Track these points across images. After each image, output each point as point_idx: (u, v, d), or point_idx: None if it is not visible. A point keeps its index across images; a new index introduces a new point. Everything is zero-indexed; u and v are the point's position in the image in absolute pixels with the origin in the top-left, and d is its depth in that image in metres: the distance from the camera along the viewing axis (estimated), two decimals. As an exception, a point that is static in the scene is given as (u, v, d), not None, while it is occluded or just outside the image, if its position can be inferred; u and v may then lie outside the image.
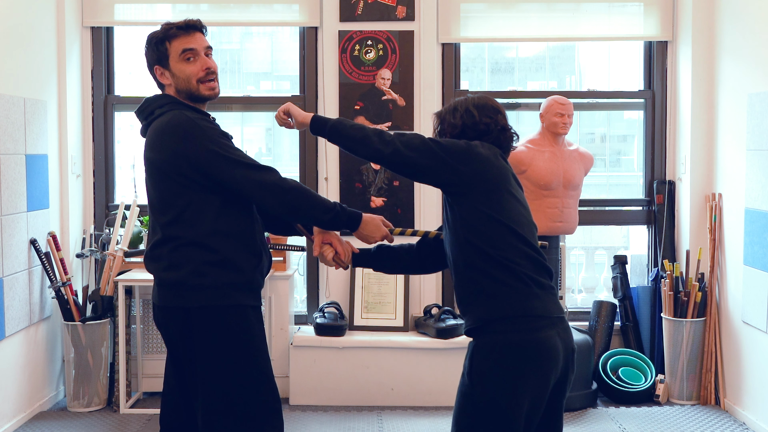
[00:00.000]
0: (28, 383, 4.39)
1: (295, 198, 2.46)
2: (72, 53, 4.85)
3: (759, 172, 4.15)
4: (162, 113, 2.55)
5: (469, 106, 2.53)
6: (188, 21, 2.61)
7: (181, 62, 2.57)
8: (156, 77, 2.64)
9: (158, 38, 2.59)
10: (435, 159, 2.39)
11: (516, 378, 2.29)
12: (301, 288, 5.26)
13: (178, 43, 2.58)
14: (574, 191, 4.53)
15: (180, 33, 2.58)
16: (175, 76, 2.58)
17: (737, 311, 4.44)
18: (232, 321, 2.49)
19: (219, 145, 2.46)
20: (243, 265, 2.51)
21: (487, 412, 2.30)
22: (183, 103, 2.58)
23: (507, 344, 2.31)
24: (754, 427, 4.23)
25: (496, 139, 2.52)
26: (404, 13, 4.90)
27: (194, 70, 2.57)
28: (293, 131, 5.24)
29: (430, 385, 4.62)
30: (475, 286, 2.36)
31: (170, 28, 2.59)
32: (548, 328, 2.34)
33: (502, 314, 2.33)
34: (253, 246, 2.55)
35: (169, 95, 2.62)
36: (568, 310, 5.01)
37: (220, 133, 2.52)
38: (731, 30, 4.51)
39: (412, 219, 4.93)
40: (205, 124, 2.50)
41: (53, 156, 4.68)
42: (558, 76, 6.09)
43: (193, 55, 2.57)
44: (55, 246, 4.54)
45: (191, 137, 2.45)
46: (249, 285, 2.53)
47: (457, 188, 2.39)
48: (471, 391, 2.34)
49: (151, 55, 2.62)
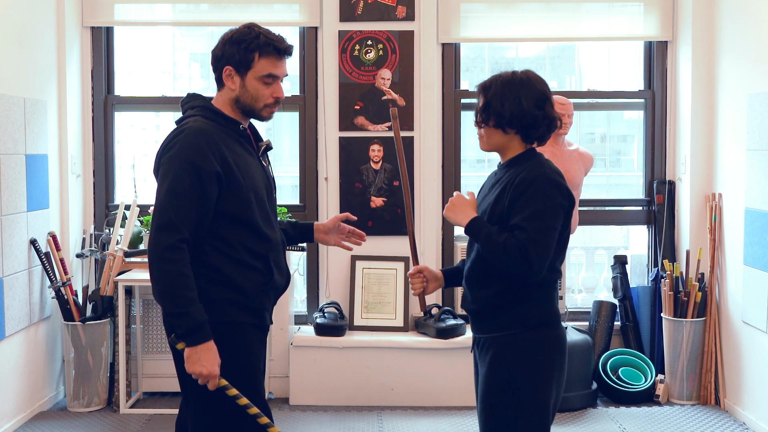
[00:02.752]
0: (28, 383, 4.39)
1: (156, 276, 2.32)
2: (72, 53, 4.85)
3: (759, 172, 4.15)
4: (192, 116, 2.47)
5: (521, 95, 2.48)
6: (286, 45, 2.49)
7: (260, 82, 2.46)
8: (221, 75, 2.48)
9: (250, 44, 2.43)
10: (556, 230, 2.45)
11: (553, 370, 2.49)
12: (301, 288, 5.26)
13: (268, 63, 2.45)
14: (574, 191, 4.53)
15: (274, 54, 2.46)
16: (245, 90, 2.47)
17: (737, 311, 4.44)
18: (227, 337, 2.41)
19: (171, 187, 2.32)
20: (245, 286, 2.43)
21: (532, 401, 2.45)
22: (218, 112, 2.48)
23: (548, 340, 2.49)
24: (754, 427, 4.23)
25: (546, 132, 2.54)
26: (404, 13, 4.90)
27: (267, 95, 2.48)
28: (293, 132, 5.25)
29: (430, 385, 4.62)
30: (523, 293, 2.47)
31: (268, 43, 2.44)
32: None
33: (543, 314, 2.49)
34: (261, 266, 2.46)
35: (204, 98, 2.52)
36: (568, 310, 5.01)
37: (209, 173, 2.35)
38: (731, 30, 4.51)
39: (412, 219, 4.91)
40: (203, 155, 2.35)
41: (53, 156, 4.68)
42: (558, 76, 6.10)
43: (273, 81, 2.48)
44: (55, 246, 4.54)
45: (175, 156, 2.35)
46: (249, 304, 2.46)
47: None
48: (515, 385, 2.45)
49: (231, 54, 2.45)
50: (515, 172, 2.46)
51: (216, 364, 2.33)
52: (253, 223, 2.43)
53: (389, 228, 4.92)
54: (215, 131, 2.42)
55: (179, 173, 2.33)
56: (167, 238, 2.30)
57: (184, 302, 2.30)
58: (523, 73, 2.51)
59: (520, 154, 2.52)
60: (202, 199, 2.35)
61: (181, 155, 2.34)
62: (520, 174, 2.43)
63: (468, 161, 5.39)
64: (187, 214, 2.32)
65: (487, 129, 2.52)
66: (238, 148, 2.46)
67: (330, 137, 4.93)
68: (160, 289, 2.31)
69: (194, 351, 2.31)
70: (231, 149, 2.43)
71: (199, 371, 2.31)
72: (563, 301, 4.76)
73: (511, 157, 2.52)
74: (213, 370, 2.32)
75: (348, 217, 2.84)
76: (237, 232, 2.42)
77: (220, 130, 2.44)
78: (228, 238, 2.41)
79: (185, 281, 2.30)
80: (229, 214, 2.40)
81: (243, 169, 2.43)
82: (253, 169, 2.49)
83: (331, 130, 4.93)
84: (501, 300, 2.48)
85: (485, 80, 2.55)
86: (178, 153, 2.35)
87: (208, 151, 2.35)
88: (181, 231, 2.31)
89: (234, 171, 2.40)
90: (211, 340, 2.33)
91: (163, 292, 2.31)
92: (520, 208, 2.39)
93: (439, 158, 4.98)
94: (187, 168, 2.33)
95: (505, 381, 2.46)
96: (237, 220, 2.41)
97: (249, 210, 2.43)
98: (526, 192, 2.40)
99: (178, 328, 2.31)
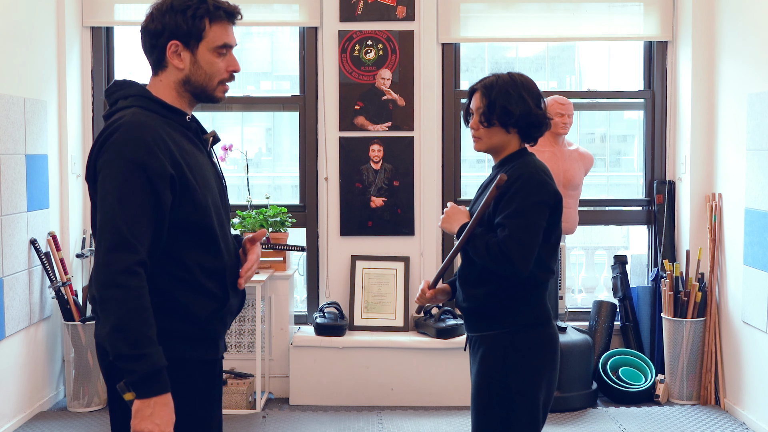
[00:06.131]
0: (28, 383, 4.39)
1: (108, 308, 1.86)
2: (72, 53, 4.85)
3: (759, 172, 4.15)
4: (125, 107, 2.02)
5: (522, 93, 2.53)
6: (236, 7, 2.09)
7: (214, 54, 2.05)
8: (162, 54, 2.06)
9: (197, 10, 2.03)
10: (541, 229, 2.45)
11: (544, 369, 2.49)
12: (301, 288, 5.26)
13: (221, 30, 2.05)
14: (574, 191, 4.53)
15: (224, 18, 2.05)
16: (198, 66, 2.05)
17: (737, 311, 4.44)
18: (175, 380, 1.93)
19: (118, 197, 1.88)
20: (199, 314, 2.01)
21: (522, 399, 2.47)
22: (158, 101, 2.05)
23: (539, 338, 2.50)
24: (754, 427, 4.23)
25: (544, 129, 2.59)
26: (404, 13, 4.90)
27: (222, 69, 2.07)
28: (293, 132, 5.25)
29: (430, 385, 4.62)
30: (515, 292, 2.49)
31: (218, 7, 2.04)
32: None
33: (535, 313, 2.51)
34: (216, 287, 2.04)
35: (138, 85, 2.08)
36: (568, 310, 5.01)
37: (161, 176, 1.91)
38: (731, 30, 4.51)
39: (412, 219, 4.93)
40: (151, 154, 1.91)
41: (53, 156, 4.68)
42: (558, 76, 6.10)
43: (227, 51, 2.08)
44: (55, 246, 4.54)
45: (116, 157, 1.91)
46: (202, 335, 2.04)
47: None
48: (505, 383, 2.47)
49: (175, 26, 2.03)
50: (504, 171, 2.50)
51: (171, 423, 1.88)
52: (212, 234, 2.02)
53: (389, 228, 4.93)
54: (158, 124, 1.98)
55: (125, 178, 1.89)
56: (121, 260, 1.85)
57: (141, 342, 1.84)
58: (518, 74, 2.58)
59: (512, 153, 2.55)
60: (157, 210, 1.92)
61: (124, 156, 1.89)
62: (507, 173, 2.47)
63: (468, 161, 5.39)
64: (141, 230, 1.88)
65: (489, 129, 2.53)
66: (186, 144, 2.03)
67: (330, 137, 4.93)
68: (113, 323, 1.84)
69: (147, 404, 1.85)
70: (179, 145, 1.99)
71: (149, 430, 1.84)
72: (563, 301, 4.76)
73: (504, 156, 2.56)
74: (167, 430, 1.87)
75: (258, 237, 2.25)
76: (190, 247, 1.99)
77: (163, 122, 2.00)
78: (180, 255, 1.98)
79: (144, 315, 1.86)
80: (183, 225, 1.97)
81: (195, 169, 2.01)
82: (204, 168, 2.07)
83: (331, 130, 4.93)
84: (493, 299, 2.50)
85: (484, 81, 2.57)
86: (119, 153, 1.90)
87: (156, 149, 1.91)
88: (137, 251, 1.87)
89: (186, 172, 1.97)
90: (169, 392, 1.87)
91: (116, 328, 1.84)
92: (503, 207, 2.43)
93: (439, 158, 4.98)
94: (133, 171, 1.89)
95: (496, 379, 2.48)
96: (193, 232, 1.99)
97: (207, 219, 2.01)
98: (509, 190, 2.43)
99: (130, 373, 1.84)
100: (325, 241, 4.97)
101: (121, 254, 1.86)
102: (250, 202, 4.85)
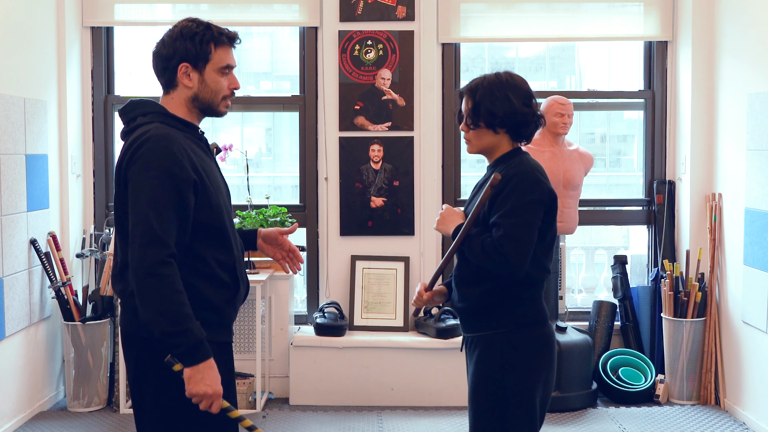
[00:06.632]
0: (28, 383, 4.39)
1: (147, 295, 2.15)
2: (72, 53, 4.85)
3: (759, 172, 4.15)
4: (145, 123, 2.31)
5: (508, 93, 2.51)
6: (236, 34, 2.41)
7: (219, 74, 2.35)
8: (174, 75, 2.34)
9: (204, 36, 2.33)
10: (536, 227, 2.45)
11: (540, 369, 2.50)
12: (301, 288, 5.26)
13: (224, 53, 2.36)
14: (574, 191, 4.53)
15: (227, 43, 2.37)
16: (205, 85, 2.34)
17: (737, 311, 4.44)
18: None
19: (152, 199, 2.18)
20: (217, 303, 2.31)
21: (519, 400, 2.47)
22: (176, 117, 2.35)
23: (535, 338, 2.51)
24: (754, 427, 4.23)
25: (534, 129, 2.58)
26: (404, 13, 4.90)
27: (225, 87, 2.37)
28: (293, 132, 5.26)
29: (430, 385, 4.62)
30: (511, 291, 2.49)
31: (221, 33, 2.36)
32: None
33: (531, 313, 2.51)
34: (229, 278, 2.34)
35: (156, 103, 2.38)
36: (568, 310, 5.01)
37: (186, 182, 2.22)
38: (731, 30, 4.51)
39: (412, 219, 4.93)
40: (178, 163, 2.21)
41: (53, 156, 4.68)
42: (558, 76, 6.10)
43: (229, 71, 2.39)
44: (55, 246, 4.54)
45: (147, 165, 2.20)
46: (221, 321, 2.35)
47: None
48: (502, 383, 2.47)
49: (185, 50, 2.32)
50: (498, 171, 2.50)
51: (219, 382, 2.19)
52: (225, 232, 2.33)
53: (389, 228, 4.93)
54: (179, 136, 2.28)
55: (155, 184, 2.19)
56: (155, 253, 2.15)
57: (181, 319, 2.14)
58: (506, 73, 2.56)
59: (505, 153, 2.55)
60: (183, 211, 2.22)
61: (154, 164, 2.19)
62: (501, 173, 2.47)
63: (468, 161, 5.39)
64: (170, 228, 2.19)
65: (477, 131, 2.54)
66: (201, 153, 2.35)
67: (330, 137, 4.93)
68: (154, 308, 2.14)
69: (197, 370, 2.16)
70: (197, 155, 2.31)
71: (203, 391, 2.16)
72: (563, 301, 4.76)
73: (497, 157, 2.56)
74: (218, 389, 2.18)
75: (290, 231, 2.71)
76: (208, 243, 2.29)
77: (181, 135, 2.30)
78: (200, 251, 2.28)
79: (180, 297, 2.16)
80: (202, 224, 2.27)
81: (210, 175, 2.33)
82: (216, 174, 2.40)
83: (331, 130, 4.93)
84: (488, 299, 2.50)
85: (470, 84, 2.58)
86: (150, 162, 2.20)
87: (180, 158, 2.22)
88: (169, 246, 2.17)
89: (204, 178, 2.28)
90: (212, 357, 2.19)
91: (157, 311, 2.14)
92: (498, 206, 2.43)
93: (439, 158, 4.98)
94: (162, 177, 2.19)
95: (492, 379, 2.48)
96: (209, 230, 2.30)
97: (221, 218, 2.32)
98: (504, 190, 2.43)
99: (176, 347, 2.15)
100: (325, 241, 4.97)
101: (154, 248, 2.15)
102: (250, 202, 4.86)
